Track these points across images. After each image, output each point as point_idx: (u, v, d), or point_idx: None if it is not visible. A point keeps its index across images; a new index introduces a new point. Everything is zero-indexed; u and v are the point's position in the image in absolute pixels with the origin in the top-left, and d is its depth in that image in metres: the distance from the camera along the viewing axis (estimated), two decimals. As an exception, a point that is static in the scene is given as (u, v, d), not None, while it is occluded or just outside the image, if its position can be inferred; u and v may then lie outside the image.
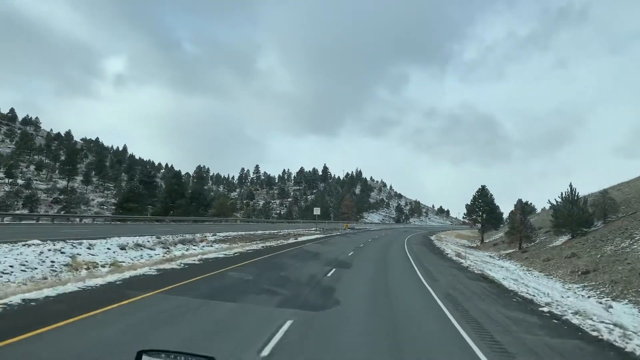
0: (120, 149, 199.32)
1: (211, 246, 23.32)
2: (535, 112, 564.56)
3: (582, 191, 36.41)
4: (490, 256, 37.99)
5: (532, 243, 37.65)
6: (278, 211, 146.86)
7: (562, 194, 34.71)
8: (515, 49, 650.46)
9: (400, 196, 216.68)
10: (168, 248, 20.82)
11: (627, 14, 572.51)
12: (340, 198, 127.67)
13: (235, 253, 19.36)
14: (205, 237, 27.03)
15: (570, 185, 34.10)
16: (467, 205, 57.77)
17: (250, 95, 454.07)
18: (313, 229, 51.63)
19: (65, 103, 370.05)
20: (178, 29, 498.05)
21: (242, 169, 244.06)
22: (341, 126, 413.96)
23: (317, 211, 52.42)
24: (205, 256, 17.17)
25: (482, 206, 56.11)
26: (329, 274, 13.62)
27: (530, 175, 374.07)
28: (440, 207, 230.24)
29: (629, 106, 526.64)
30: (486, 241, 57.25)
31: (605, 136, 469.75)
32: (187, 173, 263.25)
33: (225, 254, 18.69)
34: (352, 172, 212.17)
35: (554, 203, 36.25)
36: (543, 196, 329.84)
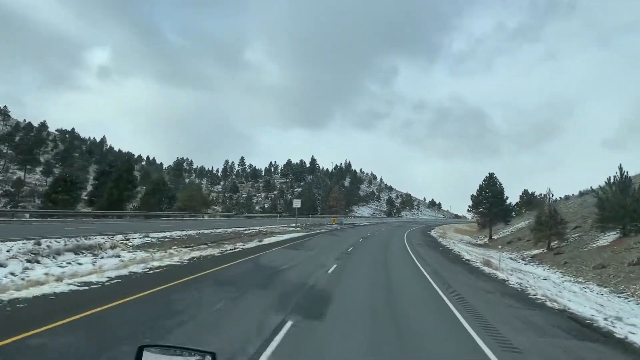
0: (99, 140, 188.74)
1: (118, 257, 14.99)
2: (524, 105, 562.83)
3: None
4: (514, 259, 30.22)
5: (565, 242, 29.97)
6: (263, 205, 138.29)
7: (609, 179, 26.94)
8: (505, 41, 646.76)
9: (391, 189, 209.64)
10: (36, 262, 12.61)
11: (614, 7, 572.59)
12: (328, 190, 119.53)
13: (131, 273, 11.06)
14: (128, 240, 18.65)
15: (620, 168, 26.30)
16: (472, 196, 50.12)
17: (238, 88, 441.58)
18: (293, 224, 43.43)
19: (48, 95, 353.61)
20: (163, 20, 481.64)
21: (227, 161, 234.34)
22: (330, 119, 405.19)
23: (297, 204, 44.02)
24: (64, 285, 8.75)
25: (490, 197, 48.44)
26: (274, 343, 5.45)
27: (519, 168, 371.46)
28: (432, 200, 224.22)
29: (617, 99, 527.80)
30: (495, 237, 49.68)
31: (594, 129, 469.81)
32: (170, 166, 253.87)
33: (108, 278, 10.32)
34: (341, 163, 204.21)
35: (597, 190, 28.59)
36: (535, 189, 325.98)
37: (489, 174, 49.55)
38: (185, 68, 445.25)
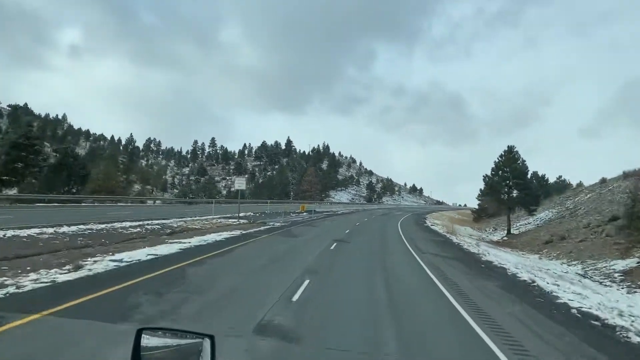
0: (60, 118, 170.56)
1: None
2: (502, 92, 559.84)
3: None
4: (591, 276, 17.89)
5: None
6: (229, 189, 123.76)
7: None
8: (484, 27, 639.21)
9: (371, 173, 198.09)
10: None
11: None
12: (302, 173, 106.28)
13: None
14: None
15: None
16: (486, 177, 37.75)
17: (214, 69, 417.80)
18: (242, 214, 30.05)
19: (17, 74, 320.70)
20: None
21: (195, 142, 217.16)
22: (308, 103, 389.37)
23: (240, 185, 29.92)
24: None
25: (510, 178, 36.22)
26: None
27: (495, 154, 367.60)
28: (413, 185, 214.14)
29: (594, 87, 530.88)
30: (514, 231, 37.62)
31: (571, 116, 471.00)
32: (137, 147, 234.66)
33: None
34: (319, 145, 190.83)
35: None
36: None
37: (508, 147, 37.21)
38: (159, 48, 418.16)
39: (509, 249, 29.33)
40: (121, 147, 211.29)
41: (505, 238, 35.84)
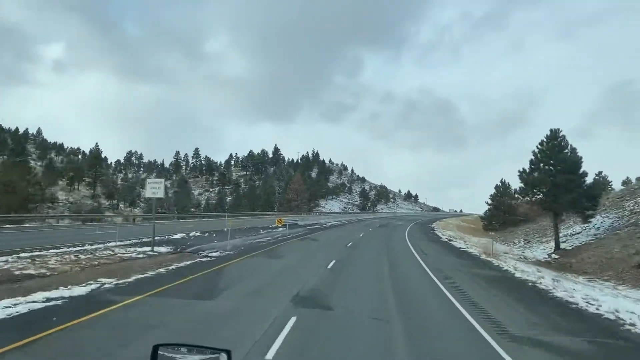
0: (35, 133, 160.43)
1: None
2: (491, 95, 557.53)
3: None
4: None
5: None
6: (207, 201, 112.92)
7: None
8: (471, 31, 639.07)
9: (364, 180, 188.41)
10: None
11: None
12: (287, 180, 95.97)
13: None
14: None
15: None
16: (522, 174, 27.85)
17: (199, 80, 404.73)
18: (180, 235, 19.65)
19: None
20: (117, 9, 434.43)
21: (177, 153, 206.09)
22: (297, 112, 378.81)
23: (154, 190, 18.58)
24: None
25: (556, 173, 26.33)
26: None
27: (486, 159, 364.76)
28: (409, 191, 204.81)
29: (582, 89, 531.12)
30: (567, 247, 27.50)
31: (560, 118, 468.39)
32: (118, 160, 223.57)
33: None
34: (308, 153, 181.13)
35: None
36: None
37: (551, 131, 27.40)
38: (144, 60, 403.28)
39: (577, 276, 19.32)
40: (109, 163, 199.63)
41: (555, 256, 25.78)
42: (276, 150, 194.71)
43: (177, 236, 22.56)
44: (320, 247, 20.03)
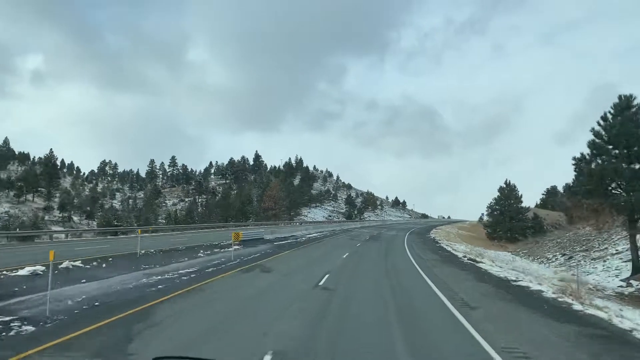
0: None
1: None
2: (474, 101, 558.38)
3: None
4: None
5: None
6: (176, 212, 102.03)
7: None
8: (454, 36, 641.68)
9: (350, 187, 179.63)
10: None
11: (560, 2, 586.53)
12: (264, 187, 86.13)
13: None
14: None
15: None
16: (579, 162, 18.86)
17: (183, 91, 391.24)
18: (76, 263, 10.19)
19: None
20: (96, 18, 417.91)
21: (152, 161, 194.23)
22: (282, 121, 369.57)
23: None
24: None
25: (628, 158, 17.34)
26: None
27: (470, 164, 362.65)
28: (396, 198, 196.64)
29: (566, 93, 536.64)
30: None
31: (544, 123, 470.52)
32: (92, 170, 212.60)
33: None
34: (291, 158, 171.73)
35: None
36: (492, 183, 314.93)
37: (621, 98, 18.58)
38: (126, 71, 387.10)
39: None
40: (65, 171, 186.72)
41: (637, 284, 16.76)
42: (257, 157, 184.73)
43: (23, 272, 12.76)
44: (263, 294, 10.54)
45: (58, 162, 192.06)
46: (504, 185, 60.09)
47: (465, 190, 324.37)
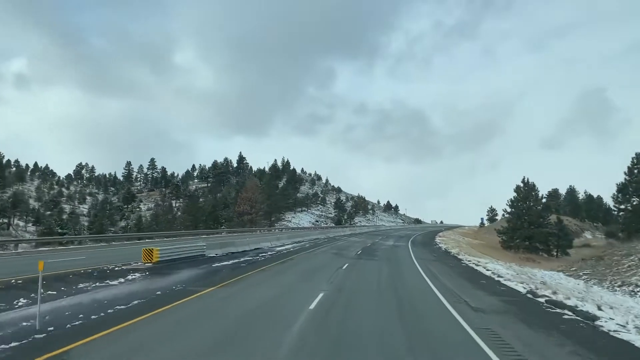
0: None
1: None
2: (464, 105, 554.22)
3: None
4: None
5: None
6: (142, 218, 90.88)
7: None
8: (443, 39, 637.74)
9: (339, 190, 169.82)
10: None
11: (548, 8, 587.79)
12: (239, 188, 75.66)
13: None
14: None
15: None
16: None
17: (170, 95, 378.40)
18: None
19: None
20: (81, 21, 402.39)
21: (128, 163, 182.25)
22: (271, 125, 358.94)
23: None
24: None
25: None
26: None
27: (461, 169, 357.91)
28: (388, 202, 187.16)
29: (554, 98, 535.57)
30: None
31: (532, 128, 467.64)
32: (69, 174, 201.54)
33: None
34: (277, 160, 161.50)
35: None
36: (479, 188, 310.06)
37: None
38: (112, 74, 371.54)
39: None
40: (36, 174, 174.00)
41: None
42: (241, 159, 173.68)
43: None
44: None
45: (31, 165, 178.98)
46: (521, 184, 50.51)
47: (457, 195, 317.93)
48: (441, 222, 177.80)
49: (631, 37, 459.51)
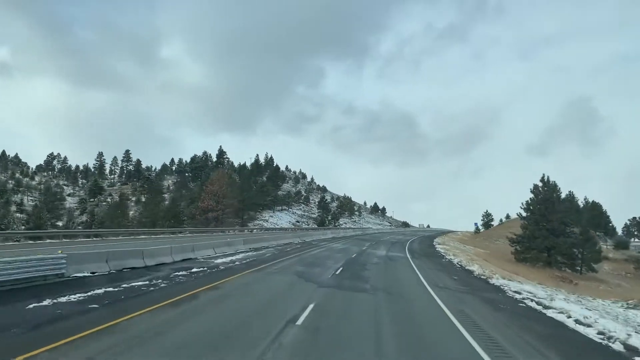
0: None
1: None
2: (452, 110, 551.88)
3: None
4: None
5: None
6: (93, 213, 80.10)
7: None
8: (433, 42, 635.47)
9: (324, 189, 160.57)
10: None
11: (538, 17, 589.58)
12: (203, 180, 65.65)
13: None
14: None
15: None
16: None
17: (156, 89, 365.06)
18: None
19: None
20: (66, 11, 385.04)
21: (100, 154, 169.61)
22: (259, 124, 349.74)
23: None
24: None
25: None
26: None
27: (447, 173, 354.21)
28: (375, 204, 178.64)
29: (541, 106, 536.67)
30: None
31: (519, 135, 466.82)
32: (40, 165, 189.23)
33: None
34: (259, 156, 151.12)
35: None
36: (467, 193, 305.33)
37: None
38: (97, 66, 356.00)
39: None
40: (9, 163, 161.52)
41: None
42: (221, 153, 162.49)
43: None
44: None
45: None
46: (540, 184, 41.73)
47: (442, 199, 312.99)
48: (428, 226, 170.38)
49: (617, 49, 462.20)
